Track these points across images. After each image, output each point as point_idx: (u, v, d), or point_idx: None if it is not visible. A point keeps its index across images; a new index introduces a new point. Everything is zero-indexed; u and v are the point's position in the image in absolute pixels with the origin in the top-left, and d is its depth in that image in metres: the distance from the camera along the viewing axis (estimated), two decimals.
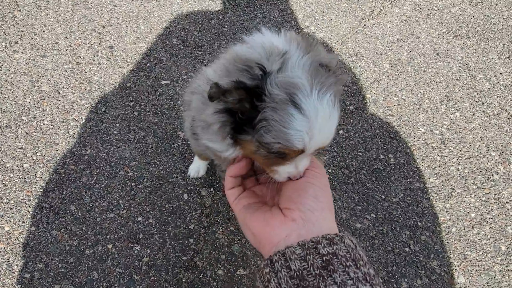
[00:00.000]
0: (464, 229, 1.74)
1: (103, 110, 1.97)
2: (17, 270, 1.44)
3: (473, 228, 1.74)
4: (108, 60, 2.21)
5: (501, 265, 1.64)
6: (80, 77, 2.10)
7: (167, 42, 2.36)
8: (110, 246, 1.54)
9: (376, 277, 0.63)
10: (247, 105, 0.72)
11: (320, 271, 0.61)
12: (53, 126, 1.88)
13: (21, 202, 1.61)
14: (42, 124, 1.87)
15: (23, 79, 2.04)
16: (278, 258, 0.65)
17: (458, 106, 2.21)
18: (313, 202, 0.73)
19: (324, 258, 0.63)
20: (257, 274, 0.71)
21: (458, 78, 2.36)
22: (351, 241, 0.67)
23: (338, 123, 0.75)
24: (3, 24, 2.28)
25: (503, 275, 1.61)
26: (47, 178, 1.70)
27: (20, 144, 1.79)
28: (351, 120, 2.10)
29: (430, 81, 2.33)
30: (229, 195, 0.85)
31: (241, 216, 0.80)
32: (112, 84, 2.09)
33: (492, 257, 1.66)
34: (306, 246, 0.65)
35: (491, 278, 1.60)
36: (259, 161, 0.82)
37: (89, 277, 1.45)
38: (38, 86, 2.02)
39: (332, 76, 0.74)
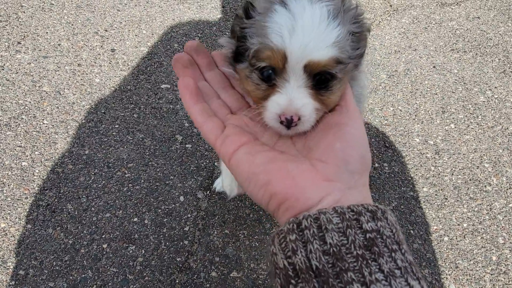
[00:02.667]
0: (456, 239, 1.76)
1: (102, 111, 2.00)
2: (12, 266, 1.45)
3: (465, 237, 1.77)
4: (109, 63, 2.24)
5: (491, 274, 1.66)
6: (81, 79, 2.12)
7: (168, 47, 2.40)
8: (105, 246, 1.55)
9: (418, 269, 0.51)
10: (244, 21, 0.70)
11: (363, 252, 0.48)
12: (53, 125, 1.90)
13: (18, 199, 1.63)
14: (41, 123, 1.89)
15: (24, 79, 2.06)
16: (310, 225, 0.50)
17: (453, 118, 2.25)
18: (356, 161, 0.59)
19: (367, 236, 0.49)
20: (274, 239, 0.54)
21: (454, 91, 2.40)
22: (393, 218, 0.53)
23: (337, 43, 0.64)
24: (6, 25, 2.31)
25: (493, 284, 1.63)
26: (44, 177, 1.71)
27: (19, 142, 1.80)
28: None
29: (426, 93, 2.37)
30: (206, 130, 0.68)
31: (244, 165, 0.61)
32: (113, 87, 2.12)
33: (483, 266, 1.68)
34: (346, 216, 0.51)
35: None
36: (252, 94, 0.73)
37: (83, 275, 1.46)
38: (39, 86, 2.04)
39: (339, 2, 0.67)
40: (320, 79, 0.67)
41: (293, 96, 0.66)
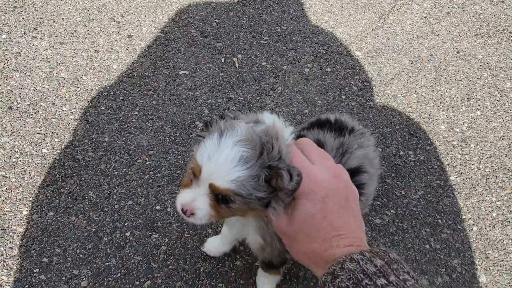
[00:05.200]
0: (485, 228, 1.71)
1: (121, 98, 1.96)
2: (35, 254, 1.43)
3: (494, 227, 1.71)
4: (126, 49, 2.20)
5: None
6: (99, 65, 2.09)
7: (186, 32, 2.35)
8: (128, 234, 1.52)
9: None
10: (200, 133, 0.93)
11: None
12: (72, 112, 1.87)
13: (40, 187, 1.61)
14: (60, 110, 1.87)
15: (41, 65, 2.03)
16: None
17: (479, 105, 2.18)
18: None
19: None
20: None
21: (479, 77, 2.33)
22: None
23: (235, 181, 0.82)
24: (22, 11, 2.28)
25: None
26: (65, 164, 1.69)
27: (39, 129, 1.78)
28: (370, 116, 2.07)
29: (451, 79, 2.30)
30: None
31: None
32: (130, 73, 2.08)
33: None
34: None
35: None
36: (183, 181, 0.95)
37: (107, 263, 1.44)
38: (56, 73, 2.01)
39: (263, 150, 0.83)
40: (222, 198, 0.86)
41: (195, 198, 0.88)
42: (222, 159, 0.81)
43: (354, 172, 1.15)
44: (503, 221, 1.74)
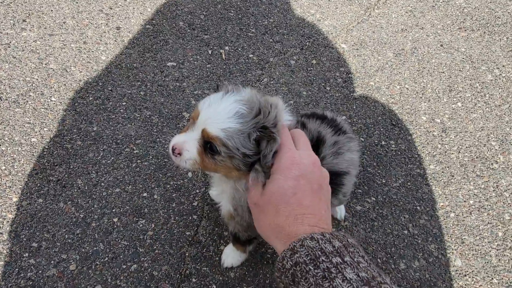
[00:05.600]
0: (462, 215, 1.77)
1: (109, 89, 2.00)
2: (25, 239, 1.47)
3: (471, 214, 1.78)
4: (115, 41, 2.23)
5: (497, 250, 1.68)
6: (87, 56, 2.12)
7: (174, 25, 2.38)
8: (115, 220, 1.57)
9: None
10: None
11: None
12: (60, 102, 1.90)
13: (29, 175, 1.64)
14: (49, 100, 1.90)
15: (31, 56, 2.06)
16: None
17: (460, 96, 2.24)
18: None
19: None
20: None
21: (461, 69, 2.39)
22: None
23: (226, 131, 0.89)
24: (11, 2, 2.29)
25: (499, 259, 1.65)
26: (54, 153, 1.72)
27: (28, 119, 1.81)
28: (354, 107, 2.12)
29: (433, 71, 2.36)
30: None
31: None
32: (119, 64, 2.12)
33: (489, 242, 1.70)
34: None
35: (487, 262, 1.64)
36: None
37: (95, 248, 1.48)
38: (45, 64, 2.04)
39: (259, 109, 0.91)
40: (210, 147, 0.92)
41: (186, 140, 0.95)
42: (219, 109, 0.90)
43: (341, 175, 1.22)
44: (480, 208, 1.80)
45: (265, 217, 0.84)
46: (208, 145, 0.93)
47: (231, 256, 1.49)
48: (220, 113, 0.89)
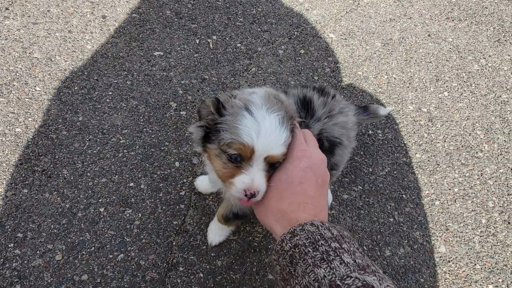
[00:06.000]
0: (447, 203, 1.80)
1: (95, 78, 1.98)
2: (10, 230, 1.46)
3: (455, 201, 1.80)
4: (100, 30, 2.20)
5: (480, 236, 1.71)
6: (73, 45, 2.09)
7: (161, 13, 2.35)
8: (102, 210, 1.56)
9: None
10: (215, 117, 0.93)
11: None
12: (45, 92, 1.87)
13: (14, 165, 1.62)
14: (34, 90, 1.87)
15: (14, 45, 2.02)
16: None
17: (447, 86, 2.26)
18: None
19: None
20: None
21: (448, 59, 2.40)
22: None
23: (285, 142, 0.90)
24: None
25: (482, 246, 1.68)
26: (39, 143, 1.70)
27: (12, 109, 1.78)
28: (342, 96, 2.12)
29: (421, 61, 2.37)
30: None
31: None
32: (105, 53, 2.09)
33: (472, 229, 1.73)
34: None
35: (471, 249, 1.67)
36: (220, 172, 0.97)
37: (81, 238, 1.48)
38: (29, 53, 2.01)
39: (282, 106, 0.93)
40: (272, 164, 0.92)
41: (255, 177, 0.91)
42: (269, 130, 0.88)
43: (333, 146, 1.23)
44: (464, 195, 1.83)
45: (270, 203, 0.88)
46: (270, 164, 0.92)
47: (219, 235, 1.52)
48: (273, 133, 0.88)
